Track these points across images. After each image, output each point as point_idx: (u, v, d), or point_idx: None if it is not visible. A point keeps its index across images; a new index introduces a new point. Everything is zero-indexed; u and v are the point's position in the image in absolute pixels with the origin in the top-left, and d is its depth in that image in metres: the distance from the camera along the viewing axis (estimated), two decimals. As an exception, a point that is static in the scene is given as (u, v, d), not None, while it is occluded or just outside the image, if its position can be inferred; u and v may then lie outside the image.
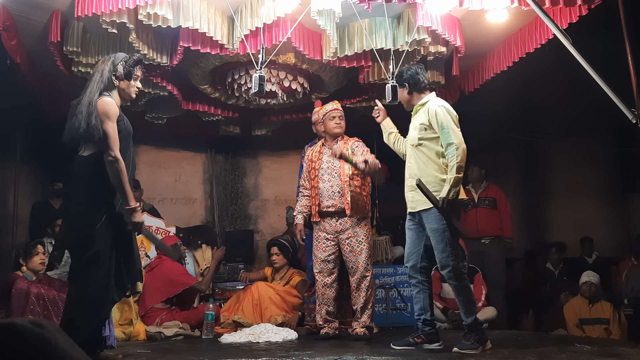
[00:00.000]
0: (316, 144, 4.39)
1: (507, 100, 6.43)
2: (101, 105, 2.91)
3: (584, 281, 5.22)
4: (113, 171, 2.86)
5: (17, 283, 4.21)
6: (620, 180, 7.80)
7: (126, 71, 3.05)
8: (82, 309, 2.84)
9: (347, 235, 4.03)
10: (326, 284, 4.08)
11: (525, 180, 7.62)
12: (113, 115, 2.92)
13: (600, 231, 7.03)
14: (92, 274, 2.84)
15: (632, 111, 3.29)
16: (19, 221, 6.12)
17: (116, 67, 3.04)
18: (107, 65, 3.05)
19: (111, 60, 3.07)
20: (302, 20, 4.14)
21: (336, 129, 4.20)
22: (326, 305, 4.10)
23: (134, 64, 3.09)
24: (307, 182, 4.26)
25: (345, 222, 4.05)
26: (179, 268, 4.83)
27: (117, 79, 3.03)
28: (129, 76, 3.07)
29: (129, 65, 3.07)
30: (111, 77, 3.02)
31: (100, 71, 3.05)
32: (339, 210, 4.05)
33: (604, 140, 7.17)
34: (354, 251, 4.01)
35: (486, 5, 3.92)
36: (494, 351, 3.17)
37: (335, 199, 4.05)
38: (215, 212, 7.04)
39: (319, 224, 4.12)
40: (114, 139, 2.88)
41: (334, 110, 4.25)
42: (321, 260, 4.09)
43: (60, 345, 0.78)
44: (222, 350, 3.57)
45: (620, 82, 3.41)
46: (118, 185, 2.87)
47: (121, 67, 3.04)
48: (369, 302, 4.03)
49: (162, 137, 6.65)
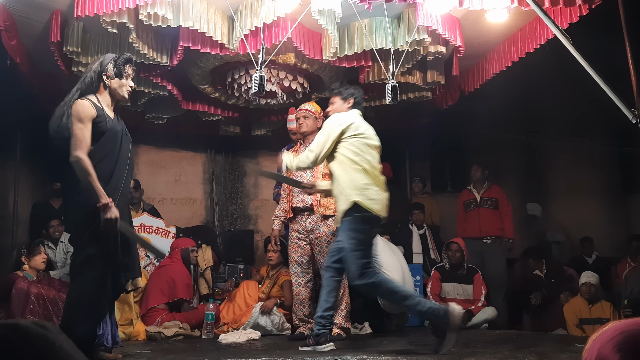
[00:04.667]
0: (294, 148, 4.42)
1: (507, 100, 6.43)
2: (74, 107, 2.91)
3: (583, 282, 5.22)
4: (77, 171, 2.84)
5: (17, 283, 4.21)
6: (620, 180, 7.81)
7: (116, 70, 3.04)
8: (79, 308, 2.86)
9: (317, 235, 4.07)
10: (300, 284, 4.14)
11: (525, 180, 7.63)
12: (85, 117, 2.89)
13: (600, 231, 7.04)
14: (87, 274, 2.86)
15: (632, 111, 3.29)
16: (19, 221, 6.12)
17: (105, 67, 3.02)
18: (94, 66, 3.05)
19: (99, 61, 3.07)
20: (302, 20, 4.14)
21: (301, 127, 4.24)
22: (301, 305, 4.13)
23: (124, 63, 3.07)
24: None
25: (315, 222, 4.08)
26: (186, 277, 4.82)
27: (108, 78, 3.02)
28: (119, 75, 3.05)
29: (119, 64, 3.05)
30: (99, 78, 3.01)
31: (85, 72, 3.08)
32: (308, 207, 4.09)
33: (604, 140, 7.18)
34: (322, 251, 4.03)
35: (486, 5, 3.92)
36: (494, 351, 3.17)
37: (306, 195, 4.09)
38: (215, 212, 7.03)
39: (293, 223, 4.17)
40: (79, 140, 2.85)
41: (298, 111, 4.31)
42: (295, 261, 4.15)
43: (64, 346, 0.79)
44: (222, 350, 3.57)
45: (620, 82, 3.41)
46: (86, 185, 2.83)
47: (111, 66, 3.03)
48: (341, 303, 4.03)
49: (162, 137, 6.65)
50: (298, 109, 4.35)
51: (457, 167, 7.76)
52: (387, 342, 3.74)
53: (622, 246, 6.80)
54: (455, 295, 5.18)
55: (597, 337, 1.02)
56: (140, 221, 5.46)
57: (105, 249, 2.88)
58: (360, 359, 2.94)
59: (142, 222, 5.48)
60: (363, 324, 4.68)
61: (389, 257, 4.70)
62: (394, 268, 4.62)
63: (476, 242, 5.71)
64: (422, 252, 6.02)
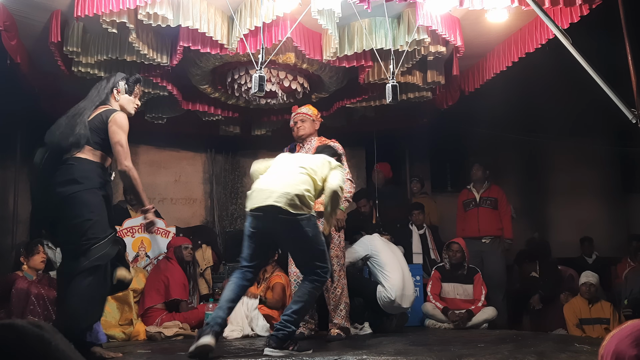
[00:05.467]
0: (295, 147, 4.40)
1: (507, 100, 6.44)
2: (118, 118, 3.11)
3: (583, 281, 5.22)
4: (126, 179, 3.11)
5: (17, 283, 4.20)
6: (620, 180, 7.82)
7: (127, 88, 3.28)
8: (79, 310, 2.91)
9: None
10: (299, 283, 4.10)
11: (525, 180, 7.63)
12: (127, 129, 3.13)
13: (600, 231, 7.04)
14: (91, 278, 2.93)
15: (632, 111, 3.28)
16: (19, 221, 6.12)
17: (117, 84, 3.26)
18: (109, 84, 3.26)
19: (112, 78, 3.30)
20: (302, 20, 4.14)
21: (298, 131, 4.27)
22: None
23: (135, 82, 3.32)
24: None
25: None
26: (181, 277, 4.81)
27: (119, 94, 3.25)
28: (130, 93, 3.30)
29: (131, 82, 3.30)
30: (111, 92, 3.23)
31: (97, 88, 3.26)
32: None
33: (604, 140, 7.18)
34: None
35: (486, 5, 3.91)
36: (494, 351, 3.17)
37: None
38: (215, 212, 7.03)
39: None
40: (126, 150, 3.09)
41: (295, 115, 4.33)
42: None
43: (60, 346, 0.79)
44: (222, 350, 3.56)
45: (620, 82, 3.41)
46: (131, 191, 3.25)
47: (123, 83, 3.27)
48: (340, 303, 4.03)
49: (162, 137, 6.65)
50: (295, 113, 4.34)
51: (457, 167, 7.76)
52: (387, 342, 3.73)
53: (622, 246, 6.80)
54: (455, 295, 5.18)
55: (615, 333, 1.03)
56: (140, 221, 5.45)
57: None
58: (360, 359, 2.94)
59: (142, 222, 5.47)
60: (363, 324, 4.67)
61: (389, 257, 4.71)
62: (394, 268, 4.63)
63: (475, 242, 5.71)
64: (422, 252, 6.03)
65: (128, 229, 5.41)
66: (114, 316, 4.55)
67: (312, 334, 4.13)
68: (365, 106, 5.92)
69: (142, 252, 5.38)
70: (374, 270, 4.68)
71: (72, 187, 2.98)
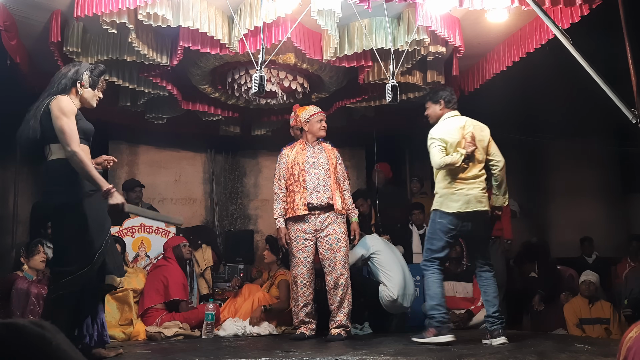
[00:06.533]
0: (294, 145, 4.38)
1: (507, 100, 6.44)
2: (56, 102, 2.92)
3: (583, 280, 5.23)
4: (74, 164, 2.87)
5: (17, 283, 4.21)
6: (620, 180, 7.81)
7: (91, 81, 3.11)
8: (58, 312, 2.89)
9: (326, 232, 4.10)
10: (305, 284, 4.12)
11: (525, 180, 7.62)
12: (69, 112, 2.91)
13: (600, 231, 7.03)
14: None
15: (632, 111, 3.28)
16: (19, 221, 6.11)
17: (81, 76, 3.08)
18: (70, 73, 3.08)
19: (75, 69, 3.11)
20: (302, 20, 4.13)
21: (322, 131, 4.30)
22: (305, 306, 4.12)
23: (99, 74, 3.15)
24: (283, 182, 4.27)
25: (325, 220, 4.10)
26: (180, 277, 4.82)
27: (82, 87, 3.07)
28: (93, 86, 3.12)
29: (95, 75, 3.13)
30: (73, 84, 3.05)
31: (57, 78, 3.09)
32: (323, 205, 4.11)
33: (604, 140, 7.18)
34: (332, 249, 4.07)
35: (486, 5, 3.92)
36: (494, 351, 3.17)
37: (320, 191, 4.12)
38: (215, 212, 7.04)
39: (299, 223, 4.14)
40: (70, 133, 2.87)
41: (320, 113, 4.35)
42: (300, 261, 4.12)
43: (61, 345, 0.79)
44: (222, 350, 3.56)
45: (620, 82, 3.41)
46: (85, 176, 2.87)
47: (87, 76, 3.09)
48: (344, 301, 4.05)
49: (162, 137, 6.65)
50: (318, 111, 4.37)
51: (457, 167, 7.74)
52: (387, 342, 3.74)
53: (622, 246, 6.80)
54: (455, 293, 5.18)
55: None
56: (140, 221, 5.46)
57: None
58: (360, 359, 2.94)
59: (142, 222, 5.48)
60: (363, 324, 4.68)
61: (390, 257, 4.71)
62: (394, 268, 4.63)
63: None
64: (422, 252, 6.01)
65: (128, 229, 5.42)
66: (113, 316, 4.55)
67: (313, 334, 4.13)
68: (365, 106, 5.92)
69: (142, 252, 5.39)
70: (375, 270, 4.68)
71: (55, 197, 2.92)
